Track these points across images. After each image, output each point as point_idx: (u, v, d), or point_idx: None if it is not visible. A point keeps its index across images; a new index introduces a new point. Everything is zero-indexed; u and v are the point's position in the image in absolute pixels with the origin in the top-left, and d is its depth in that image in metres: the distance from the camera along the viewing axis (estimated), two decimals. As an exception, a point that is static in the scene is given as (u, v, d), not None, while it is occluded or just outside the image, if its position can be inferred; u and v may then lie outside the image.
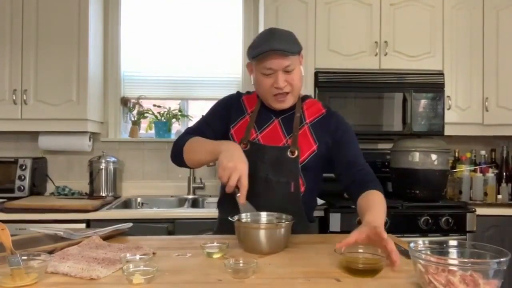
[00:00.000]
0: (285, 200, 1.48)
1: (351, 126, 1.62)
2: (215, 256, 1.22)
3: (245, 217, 1.35)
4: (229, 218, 1.31)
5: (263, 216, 1.39)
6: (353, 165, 1.51)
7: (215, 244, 1.25)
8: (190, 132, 1.60)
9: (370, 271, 1.05)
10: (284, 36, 1.49)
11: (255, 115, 1.58)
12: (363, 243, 1.15)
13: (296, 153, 1.50)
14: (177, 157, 1.55)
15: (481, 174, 2.78)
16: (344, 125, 1.59)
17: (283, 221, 1.34)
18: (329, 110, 1.63)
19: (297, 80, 1.51)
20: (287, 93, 1.51)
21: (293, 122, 1.55)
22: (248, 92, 1.71)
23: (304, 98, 1.65)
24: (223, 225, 1.52)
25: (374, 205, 1.35)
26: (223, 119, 1.61)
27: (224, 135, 1.60)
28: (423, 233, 2.44)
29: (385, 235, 1.11)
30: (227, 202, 1.52)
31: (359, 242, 1.14)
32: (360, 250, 1.15)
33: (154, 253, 1.22)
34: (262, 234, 1.25)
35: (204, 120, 1.65)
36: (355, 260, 1.08)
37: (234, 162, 1.32)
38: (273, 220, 1.38)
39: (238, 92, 1.71)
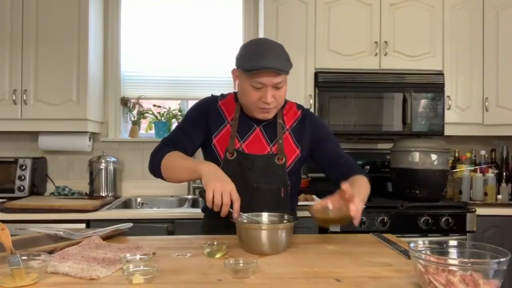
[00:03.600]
0: (275, 206, 1.49)
1: (326, 123, 1.71)
2: (215, 256, 1.22)
3: (246, 217, 1.35)
4: (230, 219, 1.31)
5: (265, 216, 1.40)
6: (336, 158, 1.60)
7: (215, 244, 1.25)
8: (168, 144, 1.56)
9: (339, 219, 1.26)
10: (278, 52, 1.46)
11: (236, 124, 1.58)
12: (336, 205, 1.29)
13: (284, 159, 1.55)
14: (155, 171, 1.53)
15: (481, 174, 2.77)
16: (319, 123, 1.66)
17: (285, 221, 1.34)
18: (303, 111, 1.66)
19: (284, 95, 1.53)
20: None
21: (274, 129, 1.59)
22: (222, 96, 1.68)
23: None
24: (211, 229, 1.58)
25: (355, 184, 1.42)
26: (201, 128, 1.58)
27: (204, 144, 1.59)
28: (423, 233, 2.44)
29: (355, 198, 1.24)
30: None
31: (332, 201, 1.29)
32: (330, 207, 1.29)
33: (154, 253, 1.22)
34: (264, 234, 1.25)
35: (182, 130, 1.60)
36: (326, 211, 1.27)
37: (221, 182, 1.31)
38: (275, 220, 1.38)
39: (212, 97, 1.68)
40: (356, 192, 1.28)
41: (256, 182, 1.52)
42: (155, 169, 1.52)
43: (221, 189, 1.28)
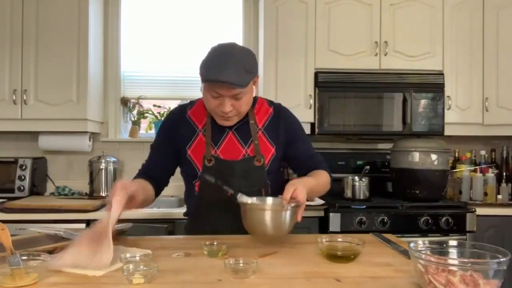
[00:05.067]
0: None
1: (298, 120, 1.68)
2: (215, 256, 1.22)
3: (250, 200, 1.37)
4: (238, 198, 1.34)
5: (269, 200, 1.43)
6: (309, 158, 1.63)
7: (215, 244, 1.25)
8: (142, 171, 1.60)
9: (348, 257, 1.17)
10: (239, 63, 1.39)
11: (209, 131, 1.55)
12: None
13: (262, 160, 1.54)
14: None
15: (481, 174, 2.77)
16: (293, 121, 1.65)
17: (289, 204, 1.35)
18: (275, 107, 1.64)
19: (245, 105, 1.49)
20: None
21: (246, 131, 1.56)
22: (191, 103, 1.64)
23: (253, 102, 1.59)
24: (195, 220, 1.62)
25: (312, 175, 1.52)
26: (172, 145, 1.57)
27: (180, 157, 1.58)
28: (423, 233, 2.44)
29: (292, 190, 1.29)
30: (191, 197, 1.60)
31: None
32: (339, 239, 1.27)
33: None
34: (268, 215, 1.28)
35: (154, 155, 1.62)
36: (335, 248, 1.21)
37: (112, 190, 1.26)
38: (278, 204, 1.39)
39: (180, 107, 1.66)
40: (302, 182, 1.36)
41: (238, 187, 1.48)
42: None
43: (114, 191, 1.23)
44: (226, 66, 1.36)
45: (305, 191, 1.34)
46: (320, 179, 1.53)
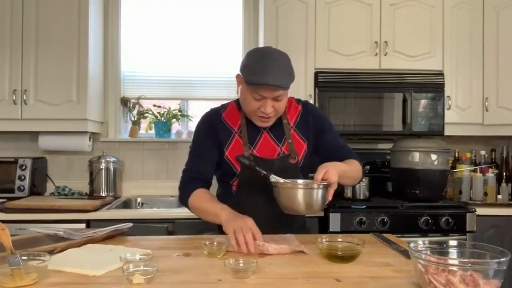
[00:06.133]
0: None
1: (326, 114, 1.74)
2: (215, 256, 1.22)
3: (283, 180, 1.40)
4: (270, 178, 1.38)
5: (300, 181, 1.46)
6: (337, 150, 1.67)
7: (215, 244, 1.26)
8: (191, 176, 1.62)
9: (348, 257, 1.19)
10: (282, 67, 1.47)
11: (245, 132, 1.61)
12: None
13: (296, 158, 1.61)
14: (186, 207, 1.63)
15: (481, 174, 2.77)
16: (319, 115, 1.72)
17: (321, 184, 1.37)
18: (303, 104, 1.71)
19: (284, 105, 1.57)
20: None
21: (280, 129, 1.63)
22: (223, 106, 1.70)
23: None
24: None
25: (346, 162, 1.56)
26: (213, 146, 1.62)
27: (219, 158, 1.62)
28: (423, 233, 2.44)
29: (324, 171, 1.34)
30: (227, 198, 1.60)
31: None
32: (339, 240, 1.29)
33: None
34: (300, 193, 1.33)
35: (197, 155, 1.65)
36: (335, 248, 1.22)
37: (239, 221, 1.35)
38: (310, 183, 1.41)
39: (214, 110, 1.70)
40: (335, 166, 1.41)
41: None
42: (185, 205, 1.62)
43: (241, 227, 1.32)
44: (273, 70, 1.43)
45: (336, 172, 1.38)
46: (351, 166, 1.57)
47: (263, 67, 1.44)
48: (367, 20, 2.80)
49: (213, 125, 1.64)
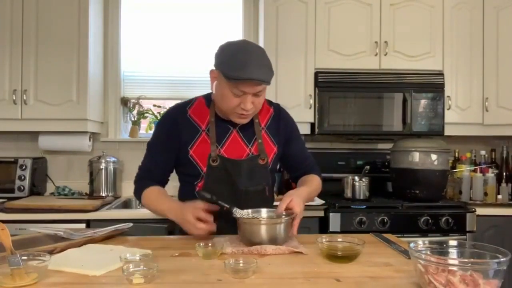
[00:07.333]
0: (262, 205, 1.50)
1: (295, 121, 1.72)
2: (209, 258, 1.20)
3: (246, 213, 1.39)
4: (233, 212, 1.35)
5: (263, 212, 1.44)
6: (302, 159, 1.70)
7: (210, 245, 1.25)
8: (144, 176, 1.62)
9: (348, 257, 1.18)
10: (262, 60, 1.42)
11: (213, 131, 1.54)
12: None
13: (266, 159, 1.57)
14: (140, 202, 1.64)
15: (481, 174, 2.77)
16: (291, 122, 1.70)
17: (283, 216, 1.36)
18: (275, 108, 1.68)
19: (262, 101, 1.52)
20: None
21: (250, 129, 1.58)
22: (190, 101, 1.64)
23: None
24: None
25: (306, 182, 1.61)
26: (175, 146, 1.55)
27: (179, 156, 1.56)
28: (423, 233, 2.44)
29: (288, 201, 1.37)
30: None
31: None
32: (339, 240, 1.28)
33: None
34: (263, 229, 1.30)
35: (153, 156, 1.60)
36: (335, 248, 1.22)
37: (186, 219, 1.39)
38: (273, 216, 1.41)
39: (179, 105, 1.64)
40: (298, 194, 1.43)
41: (244, 186, 1.52)
42: (139, 201, 1.63)
43: (192, 213, 1.37)
44: (254, 64, 1.38)
45: (301, 201, 1.39)
46: (313, 185, 1.62)
47: (243, 62, 1.37)
48: (367, 20, 2.80)
49: (176, 122, 1.56)
